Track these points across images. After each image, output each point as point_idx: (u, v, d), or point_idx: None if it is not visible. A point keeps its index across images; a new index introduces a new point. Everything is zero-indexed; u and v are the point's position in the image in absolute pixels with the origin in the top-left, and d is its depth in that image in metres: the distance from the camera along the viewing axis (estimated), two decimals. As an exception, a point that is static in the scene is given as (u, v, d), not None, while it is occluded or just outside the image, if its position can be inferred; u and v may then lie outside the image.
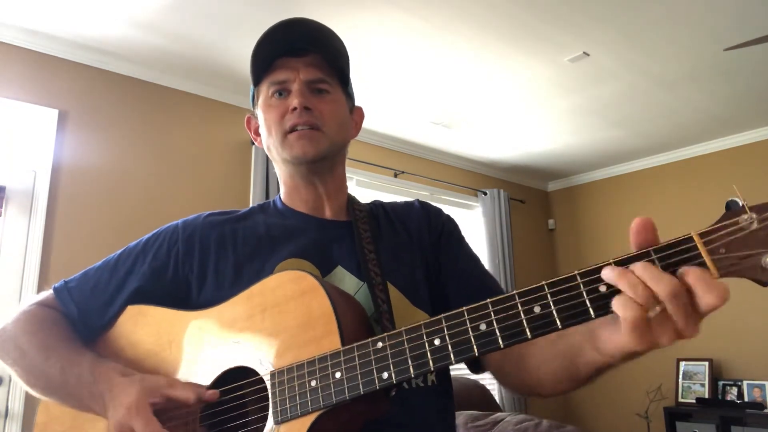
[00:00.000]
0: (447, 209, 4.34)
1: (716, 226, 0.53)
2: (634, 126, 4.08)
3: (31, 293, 2.52)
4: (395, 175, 4.17)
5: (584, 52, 3.02)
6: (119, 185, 2.92)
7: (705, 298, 0.51)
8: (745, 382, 3.96)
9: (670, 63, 3.17)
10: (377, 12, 2.63)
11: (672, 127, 4.12)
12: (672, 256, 0.53)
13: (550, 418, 2.99)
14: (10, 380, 2.45)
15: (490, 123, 3.97)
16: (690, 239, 0.53)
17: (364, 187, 3.97)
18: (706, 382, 4.08)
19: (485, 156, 4.65)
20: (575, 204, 5.31)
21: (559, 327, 0.56)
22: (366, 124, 3.87)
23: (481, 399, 2.98)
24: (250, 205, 3.44)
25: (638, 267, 0.53)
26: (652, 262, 0.53)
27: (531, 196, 5.29)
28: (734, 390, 4.00)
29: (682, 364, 4.23)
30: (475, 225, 4.69)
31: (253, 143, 3.39)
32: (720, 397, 4.04)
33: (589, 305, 0.55)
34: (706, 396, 4.02)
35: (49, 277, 2.58)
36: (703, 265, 0.52)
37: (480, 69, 3.20)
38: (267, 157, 3.36)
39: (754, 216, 0.51)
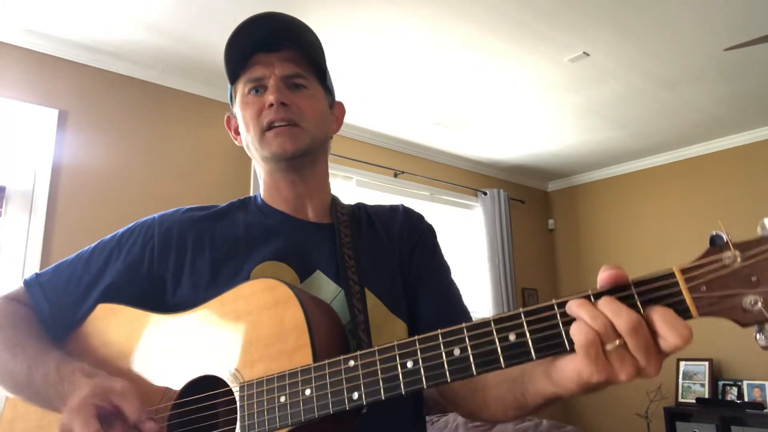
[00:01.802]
0: (447, 209, 4.31)
1: (699, 262, 0.51)
2: (634, 126, 4.08)
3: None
4: (395, 175, 4.17)
5: (584, 52, 3.02)
6: (119, 185, 2.92)
7: (668, 338, 0.50)
8: (745, 382, 3.96)
9: (670, 63, 3.17)
10: (377, 12, 2.63)
11: (672, 127, 4.12)
12: (652, 291, 0.52)
13: (550, 418, 2.99)
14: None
15: (490, 123, 3.97)
16: (672, 275, 0.52)
17: (364, 187, 3.97)
18: (706, 382, 4.08)
19: (485, 156, 4.66)
20: (575, 204, 5.30)
21: (533, 358, 0.54)
22: (366, 124, 3.87)
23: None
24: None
25: (601, 301, 0.52)
26: (632, 296, 0.52)
27: (531, 196, 5.29)
28: (734, 390, 4.00)
29: (682, 364, 4.23)
30: (475, 225, 4.69)
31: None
32: (720, 397, 4.04)
33: (564, 337, 0.53)
34: (706, 396, 4.02)
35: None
36: (683, 302, 0.51)
37: (480, 69, 3.20)
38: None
39: (738, 254, 0.50)
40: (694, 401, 4.02)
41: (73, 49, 2.84)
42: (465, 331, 0.58)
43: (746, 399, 3.90)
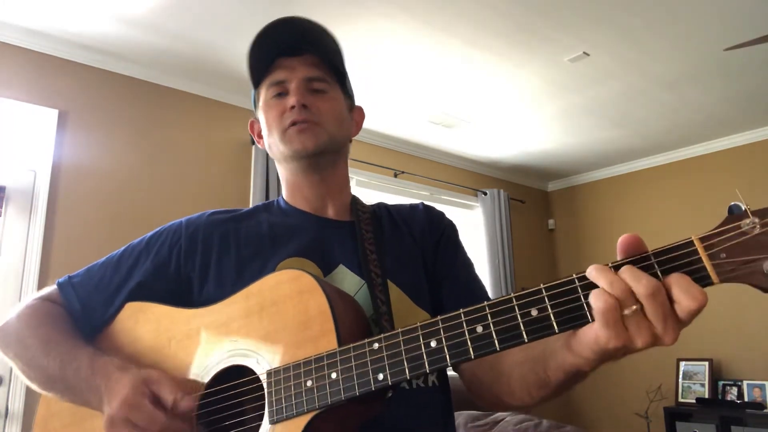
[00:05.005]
0: (447, 209, 4.31)
1: (717, 230, 0.52)
2: (634, 126, 4.08)
3: (31, 293, 2.52)
4: (395, 175, 4.18)
5: (584, 52, 3.02)
6: (119, 185, 2.92)
7: (683, 302, 0.50)
8: (745, 382, 3.96)
9: (670, 63, 3.17)
10: (378, 13, 2.63)
11: (672, 127, 4.12)
12: (672, 261, 0.53)
13: (550, 418, 2.98)
14: (10, 380, 2.45)
15: (490, 123, 3.97)
16: (690, 243, 0.52)
17: (364, 187, 3.97)
18: (706, 382, 4.08)
19: (485, 156, 4.66)
20: (575, 204, 5.31)
21: (556, 330, 0.56)
22: (366, 123, 3.85)
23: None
24: (251, 204, 3.42)
25: (622, 269, 0.53)
26: (652, 266, 0.53)
27: (531, 196, 5.29)
28: (734, 390, 4.00)
29: (682, 364, 4.23)
30: (475, 225, 4.69)
31: (254, 143, 3.40)
32: (720, 397, 4.04)
33: (586, 309, 0.55)
34: (706, 396, 4.02)
35: (49, 277, 2.58)
36: (703, 269, 0.51)
37: (480, 69, 3.20)
38: (267, 157, 3.36)
39: (757, 221, 0.50)
40: (694, 401, 4.02)
41: (73, 49, 2.84)
42: (487, 309, 0.60)
43: (746, 399, 3.90)
